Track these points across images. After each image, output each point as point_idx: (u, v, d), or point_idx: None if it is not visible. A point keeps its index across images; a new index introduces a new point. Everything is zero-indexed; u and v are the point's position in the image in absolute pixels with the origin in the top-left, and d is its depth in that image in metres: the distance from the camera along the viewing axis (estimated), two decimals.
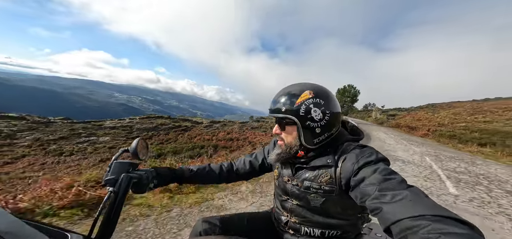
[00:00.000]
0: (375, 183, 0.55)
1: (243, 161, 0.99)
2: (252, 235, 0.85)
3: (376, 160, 0.62)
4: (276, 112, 0.74)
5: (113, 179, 0.62)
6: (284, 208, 0.83)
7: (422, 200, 0.48)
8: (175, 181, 0.86)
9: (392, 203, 0.49)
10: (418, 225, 0.42)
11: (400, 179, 0.56)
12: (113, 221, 0.58)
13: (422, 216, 0.43)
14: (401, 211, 0.46)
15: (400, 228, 0.44)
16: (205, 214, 2.30)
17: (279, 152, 0.78)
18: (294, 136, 0.74)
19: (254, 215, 0.96)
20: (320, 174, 0.71)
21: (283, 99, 0.73)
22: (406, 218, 0.44)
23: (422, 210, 0.44)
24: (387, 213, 0.49)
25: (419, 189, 0.52)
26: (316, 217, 0.75)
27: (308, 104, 0.70)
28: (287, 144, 0.76)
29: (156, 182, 0.76)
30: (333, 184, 0.69)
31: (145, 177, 0.70)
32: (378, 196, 0.52)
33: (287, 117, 0.72)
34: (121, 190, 0.60)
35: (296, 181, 0.77)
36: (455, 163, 6.05)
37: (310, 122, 0.70)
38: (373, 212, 0.53)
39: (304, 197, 0.74)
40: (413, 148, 8.36)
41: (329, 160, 0.70)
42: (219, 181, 0.96)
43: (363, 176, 0.59)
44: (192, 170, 0.90)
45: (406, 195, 0.49)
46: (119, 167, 0.64)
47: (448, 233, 0.38)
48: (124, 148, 0.70)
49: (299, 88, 0.73)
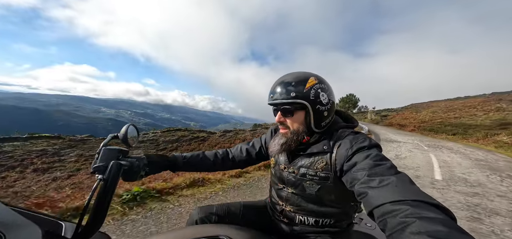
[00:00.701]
0: (365, 167, 0.58)
1: (239, 148, 1.00)
2: (248, 224, 0.86)
3: (369, 145, 0.64)
4: (285, 98, 0.72)
5: (102, 166, 0.59)
6: (279, 197, 0.84)
7: (405, 186, 0.50)
8: (168, 168, 0.86)
9: (378, 188, 0.51)
10: (398, 209, 0.44)
11: (390, 165, 0.57)
12: (103, 209, 0.56)
13: (402, 201, 0.45)
14: (384, 196, 0.48)
15: (382, 212, 0.46)
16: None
17: (284, 141, 0.77)
18: (301, 121, 0.74)
19: (250, 204, 0.96)
20: (316, 160, 0.73)
21: (291, 86, 0.72)
22: (388, 203, 0.46)
23: (403, 195, 0.46)
24: (372, 197, 0.51)
25: (407, 175, 0.54)
26: (310, 205, 0.76)
27: (316, 89, 0.72)
28: (294, 130, 0.76)
29: (148, 169, 0.76)
30: (328, 170, 0.70)
31: (136, 165, 0.69)
32: (366, 181, 0.54)
33: (298, 102, 0.71)
34: (111, 178, 0.58)
35: (292, 168, 0.78)
36: (430, 142, 11.43)
37: (319, 105, 0.72)
38: (359, 196, 0.55)
39: (300, 184, 0.76)
40: (407, 138, 13.61)
41: (325, 146, 0.72)
42: (213, 168, 0.96)
43: (355, 161, 0.62)
44: (186, 157, 0.90)
45: (392, 180, 0.51)
46: (108, 154, 0.62)
47: (424, 217, 0.40)
48: (113, 134, 0.67)
49: (303, 75, 0.74)
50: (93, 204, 0.56)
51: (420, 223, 0.39)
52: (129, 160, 0.66)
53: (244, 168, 1.05)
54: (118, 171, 0.59)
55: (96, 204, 0.56)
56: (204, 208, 0.88)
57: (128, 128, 0.67)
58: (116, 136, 0.66)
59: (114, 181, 0.58)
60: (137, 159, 0.70)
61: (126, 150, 0.67)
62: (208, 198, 2.75)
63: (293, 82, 0.72)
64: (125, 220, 2.04)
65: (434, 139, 14.47)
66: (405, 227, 0.40)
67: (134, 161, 0.68)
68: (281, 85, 0.74)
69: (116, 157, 0.62)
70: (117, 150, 0.64)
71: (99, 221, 0.56)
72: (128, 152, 0.68)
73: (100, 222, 0.56)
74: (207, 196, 2.79)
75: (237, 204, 0.93)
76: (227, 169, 1.01)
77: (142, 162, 0.72)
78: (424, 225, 0.39)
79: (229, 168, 1.01)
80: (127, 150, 0.68)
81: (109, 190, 0.57)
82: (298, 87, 0.71)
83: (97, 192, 0.57)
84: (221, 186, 3.18)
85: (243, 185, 3.39)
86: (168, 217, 2.19)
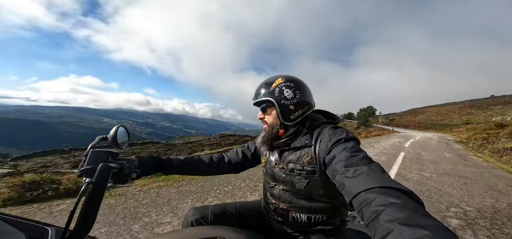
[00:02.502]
0: (343, 159, 0.62)
1: (235, 151, 1.05)
2: (244, 224, 0.90)
3: (346, 138, 0.69)
4: (256, 98, 0.86)
5: (89, 169, 0.58)
6: (272, 195, 0.87)
7: (375, 174, 0.53)
8: (161, 170, 0.88)
9: (352, 177, 0.55)
10: (370, 197, 0.47)
11: (364, 155, 0.62)
12: (92, 213, 0.55)
13: (372, 188, 0.49)
14: (359, 185, 0.52)
15: (359, 201, 0.50)
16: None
17: (264, 135, 0.88)
18: (274, 116, 0.85)
19: (245, 204, 0.98)
20: (302, 154, 0.78)
21: (262, 88, 0.85)
22: (362, 191, 0.50)
23: (373, 183, 0.50)
24: (349, 187, 0.54)
25: (379, 165, 0.57)
26: (301, 201, 0.79)
27: (281, 87, 0.82)
28: (270, 124, 0.86)
29: (139, 171, 0.77)
30: (314, 164, 0.74)
31: (127, 167, 0.68)
32: (343, 172, 0.58)
33: (266, 100, 0.83)
34: (99, 181, 0.57)
35: (282, 164, 0.83)
36: (423, 133, 23.17)
37: (284, 100, 0.81)
38: (340, 188, 0.58)
39: (290, 179, 0.80)
40: (411, 133, 25.12)
41: (307, 140, 0.78)
42: (208, 171, 1.00)
43: (334, 154, 0.66)
44: (180, 160, 0.92)
45: (364, 170, 0.55)
46: (96, 156, 0.61)
47: (393, 204, 0.43)
48: (101, 135, 0.66)
49: (273, 78, 0.86)
50: (81, 208, 0.55)
51: (390, 210, 0.42)
52: (119, 162, 0.66)
53: (241, 171, 1.07)
54: (107, 173, 0.59)
55: (84, 208, 0.55)
56: (199, 209, 0.91)
57: (117, 129, 0.68)
58: (105, 137, 0.66)
59: (103, 184, 0.58)
60: (127, 161, 0.70)
61: (116, 152, 0.66)
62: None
63: (264, 84, 0.86)
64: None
65: (426, 132, 26.06)
66: (378, 215, 0.43)
67: (124, 163, 0.68)
68: (258, 89, 0.87)
69: (105, 159, 0.62)
70: (106, 152, 0.63)
71: (88, 225, 0.55)
72: (118, 154, 0.68)
73: (88, 226, 0.55)
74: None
75: (232, 204, 0.97)
76: (223, 172, 1.05)
77: (133, 164, 0.73)
78: (394, 212, 0.42)
79: (225, 171, 1.04)
80: (117, 152, 0.67)
81: (97, 193, 0.56)
82: (267, 88, 0.84)
83: (85, 195, 0.56)
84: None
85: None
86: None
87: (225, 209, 0.93)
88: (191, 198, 2.83)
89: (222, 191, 3.11)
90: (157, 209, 2.46)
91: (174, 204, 2.62)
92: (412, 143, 11.11)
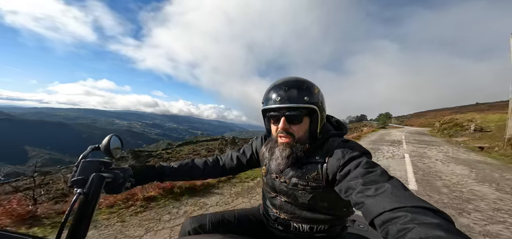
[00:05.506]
0: (358, 176, 0.60)
1: (230, 155, 1.02)
2: (242, 232, 0.88)
3: (359, 154, 0.67)
4: (298, 102, 0.71)
5: (81, 179, 0.58)
6: (273, 204, 0.85)
7: (401, 192, 0.52)
8: (155, 179, 0.87)
9: (374, 196, 0.53)
10: (398, 216, 0.46)
11: (381, 171, 0.60)
12: (84, 225, 0.55)
13: (401, 208, 0.47)
14: (382, 204, 0.50)
15: (382, 220, 0.48)
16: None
17: (290, 152, 0.75)
18: (306, 129, 0.75)
19: (244, 212, 0.97)
20: (308, 170, 0.74)
21: (301, 91, 0.71)
22: (387, 211, 0.48)
23: (401, 202, 0.48)
24: (370, 206, 0.53)
25: (399, 180, 0.56)
26: (304, 213, 0.78)
27: (321, 95, 0.74)
28: (298, 138, 0.75)
29: (134, 181, 0.76)
30: (319, 180, 0.72)
31: (121, 176, 0.68)
32: (362, 190, 0.57)
33: (308, 107, 0.71)
34: (91, 191, 0.57)
35: (284, 178, 0.79)
36: (418, 128, 38.91)
37: (324, 112, 0.75)
38: (356, 206, 0.57)
39: (292, 193, 0.77)
40: (411, 128, 40.28)
41: (317, 156, 0.73)
42: (203, 176, 0.98)
43: (348, 170, 0.64)
44: (174, 167, 0.91)
45: (387, 188, 0.53)
46: (87, 166, 0.60)
47: (423, 223, 0.42)
48: (93, 145, 0.66)
49: (308, 81, 0.75)
50: (73, 219, 0.55)
51: (420, 229, 0.41)
52: (113, 172, 0.66)
53: (235, 174, 1.04)
54: (99, 184, 0.59)
55: (76, 219, 0.54)
56: (197, 218, 0.90)
57: (111, 139, 0.67)
58: (97, 147, 0.66)
59: (95, 194, 0.58)
60: (121, 171, 0.71)
61: (109, 162, 0.66)
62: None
63: (305, 86, 0.72)
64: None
65: (421, 127, 40.94)
66: (406, 233, 0.42)
67: (118, 173, 0.68)
68: (292, 89, 0.72)
69: (97, 169, 0.62)
70: (98, 162, 0.63)
71: (80, 237, 0.54)
72: (111, 164, 0.68)
73: (80, 238, 0.54)
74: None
75: (231, 212, 0.96)
76: (217, 176, 1.05)
77: (127, 174, 0.73)
78: (424, 230, 0.41)
79: (220, 175, 1.02)
80: (110, 162, 0.67)
81: (90, 204, 0.56)
82: (309, 93, 0.71)
83: (77, 206, 0.55)
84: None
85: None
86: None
87: (223, 217, 0.92)
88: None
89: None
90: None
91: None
92: (409, 129, 27.11)
